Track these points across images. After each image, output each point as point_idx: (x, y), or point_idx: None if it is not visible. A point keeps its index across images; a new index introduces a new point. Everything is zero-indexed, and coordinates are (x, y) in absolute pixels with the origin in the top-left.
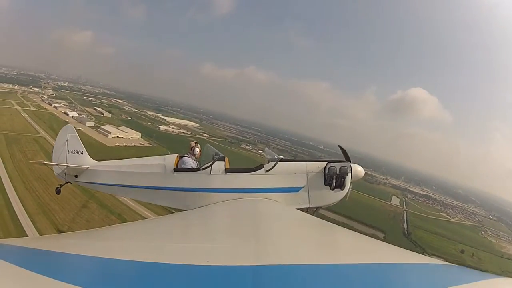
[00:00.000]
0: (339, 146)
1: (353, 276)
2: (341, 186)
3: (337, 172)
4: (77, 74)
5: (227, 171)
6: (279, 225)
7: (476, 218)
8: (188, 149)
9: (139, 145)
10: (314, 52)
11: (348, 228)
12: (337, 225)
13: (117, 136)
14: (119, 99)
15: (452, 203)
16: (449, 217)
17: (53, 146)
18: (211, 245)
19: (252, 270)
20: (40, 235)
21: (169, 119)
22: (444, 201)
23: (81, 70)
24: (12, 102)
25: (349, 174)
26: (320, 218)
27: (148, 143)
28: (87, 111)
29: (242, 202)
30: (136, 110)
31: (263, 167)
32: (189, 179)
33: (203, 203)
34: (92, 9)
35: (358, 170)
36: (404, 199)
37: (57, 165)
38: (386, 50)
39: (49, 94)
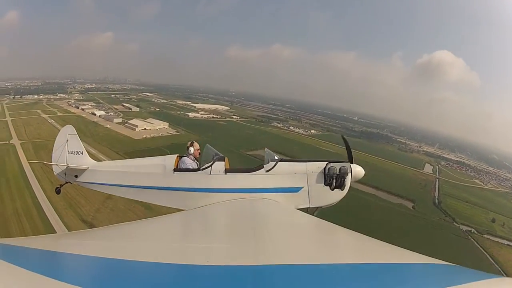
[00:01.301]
0: (342, 136)
1: (353, 276)
2: (341, 186)
3: (337, 172)
4: (104, 75)
5: (227, 171)
6: (279, 225)
7: (510, 184)
8: (187, 149)
9: (166, 134)
10: (335, 22)
11: (376, 199)
12: (337, 225)
13: (144, 129)
14: (147, 92)
15: (486, 169)
16: (482, 184)
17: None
18: (211, 245)
19: (252, 270)
20: (66, 227)
21: (199, 105)
22: (478, 167)
23: (108, 70)
24: (38, 111)
25: (349, 174)
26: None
27: (176, 131)
28: (115, 108)
29: (242, 202)
30: (165, 101)
31: (263, 167)
32: (189, 179)
33: (203, 203)
34: (105, 11)
35: (358, 170)
36: (437, 167)
37: (57, 165)
38: (406, 13)
39: (76, 97)
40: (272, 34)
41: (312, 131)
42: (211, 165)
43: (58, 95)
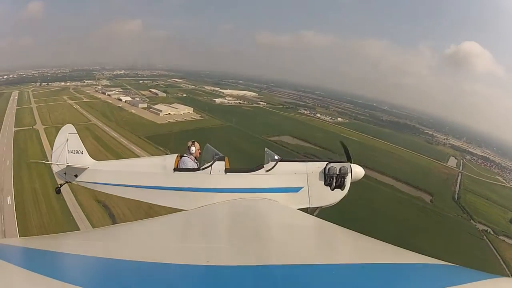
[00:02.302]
0: (340, 142)
1: (353, 276)
2: (341, 186)
3: (337, 172)
4: (133, 61)
5: (227, 171)
6: (279, 225)
7: None
8: (187, 149)
9: (190, 119)
10: (362, 8)
11: (394, 190)
12: (337, 225)
13: (169, 113)
14: (177, 78)
15: (511, 167)
16: (505, 182)
17: (53, 144)
18: (211, 245)
19: (252, 270)
20: (79, 205)
21: (227, 91)
22: (503, 164)
23: (138, 56)
24: (64, 97)
25: (349, 175)
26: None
27: (200, 117)
28: (141, 94)
29: (242, 202)
30: (194, 87)
31: (263, 167)
32: (189, 179)
33: (203, 203)
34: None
35: (357, 171)
36: (461, 160)
37: (57, 164)
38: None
39: (104, 84)
40: (302, 19)
41: (339, 119)
42: (211, 165)
43: (86, 81)
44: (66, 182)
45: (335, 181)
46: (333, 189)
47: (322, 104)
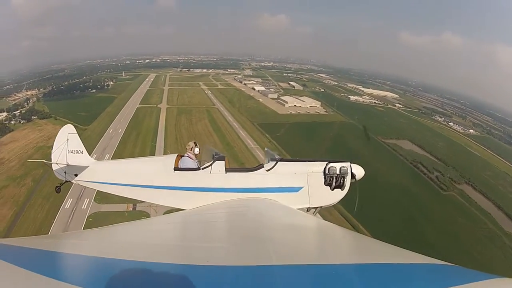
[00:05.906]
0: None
1: (353, 276)
2: (341, 186)
3: (337, 172)
4: (286, 55)
5: (227, 170)
6: (279, 225)
7: None
8: (187, 149)
9: (314, 113)
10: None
11: (488, 220)
12: (337, 225)
13: (294, 105)
14: (324, 74)
15: None
16: None
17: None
18: (211, 245)
19: (252, 270)
20: None
21: (368, 90)
22: None
23: (289, 51)
24: (200, 83)
25: (349, 175)
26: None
27: (325, 111)
28: (279, 85)
29: (242, 202)
30: (336, 83)
31: (263, 167)
32: (189, 178)
33: (203, 202)
34: None
35: (358, 172)
36: None
37: (57, 164)
38: None
39: (246, 73)
40: (442, 20)
41: (470, 130)
42: (211, 165)
43: (229, 70)
44: (66, 181)
45: (335, 181)
46: (333, 189)
47: (460, 113)
